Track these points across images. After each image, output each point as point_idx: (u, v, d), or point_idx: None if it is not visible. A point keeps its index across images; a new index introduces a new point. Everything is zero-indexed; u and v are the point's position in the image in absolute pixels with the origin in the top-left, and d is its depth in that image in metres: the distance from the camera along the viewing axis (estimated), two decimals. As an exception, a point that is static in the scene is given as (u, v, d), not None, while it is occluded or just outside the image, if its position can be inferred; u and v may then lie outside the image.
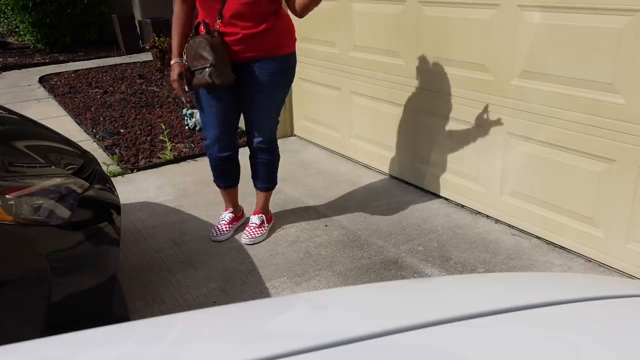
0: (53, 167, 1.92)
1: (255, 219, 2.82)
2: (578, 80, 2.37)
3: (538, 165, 2.63)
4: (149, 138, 4.44)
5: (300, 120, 4.34)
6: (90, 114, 5.20)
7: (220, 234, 2.81)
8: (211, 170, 2.75)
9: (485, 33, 2.70)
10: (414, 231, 2.86)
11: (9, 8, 9.70)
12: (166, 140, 4.20)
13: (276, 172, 2.82)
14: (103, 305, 1.94)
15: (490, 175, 2.88)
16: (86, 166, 2.04)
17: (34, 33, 9.08)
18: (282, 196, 3.28)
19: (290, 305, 0.91)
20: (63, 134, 2.37)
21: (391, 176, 3.54)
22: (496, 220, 2.91)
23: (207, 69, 2.33)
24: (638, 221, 2.30)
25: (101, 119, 5.05)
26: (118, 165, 3.88)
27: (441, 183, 3.19)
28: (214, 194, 3.25)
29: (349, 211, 3.09)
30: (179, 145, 4.27)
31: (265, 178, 2.78)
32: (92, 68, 7.56)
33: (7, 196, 1.63)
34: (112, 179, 3.09)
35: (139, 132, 4.59)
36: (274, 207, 3.04)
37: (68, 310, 1.78)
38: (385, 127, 3.48)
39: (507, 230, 2.83)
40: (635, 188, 2.28)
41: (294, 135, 4.44)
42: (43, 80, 6.95)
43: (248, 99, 2.55)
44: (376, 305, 0.86)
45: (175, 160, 3.96)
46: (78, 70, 7.46)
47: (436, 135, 3.13)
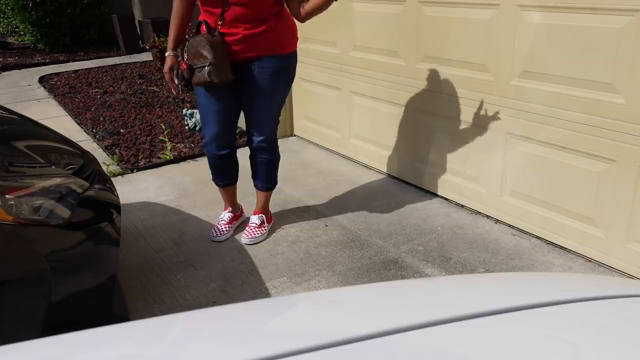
0: (53, 167, 1.92)
1: (255, 219, 2.82)
2: (578, 80, 2.37)
3: (538, 165, 2.63)
4: (149, 138, 4.44)
5: (300, 120, 4.34)
6: (90, 114, 5.20)
7: (220, 234, 2.81)
8: (209, 168, 2.75)
9: (485, 33, 2.70)
10: (414, 231, 2.86)
11: (9, 8, 9.71)
12: (166, 140, 4.20)
13: (276, 172, 2.82)
14: (103, 305, 1.94)
15: (490, 175, 2.88)
16: (86, 166, 2.04)
17: (34, 33, 9.08)
18: (282, 196, 3.28)
19: (290, 305, 0.91)
20: (63, 134, 2.37)
21: (391, 176, 3.54)
22: (496, 220, 2.91)
23: (206, 68, 2.36)
24: (638, 221, 2.30)
25: (101, 119, 5.05)
26: (118, 165, 3.88)
27: (441, 183, 3.19)
28: (214, 194, 3.25)
29: (349, 211, 3.09)
30: (179, 145, 4.27)
31: (266, 178, 2.78)
32: (92, 68, 7.56)
33: (7, 196, 1.63)
34: (112, 179, 3.09)
35: (139, 132, 4.59)
36: (274, 207, 3.04)
37: (68, 310, 1.78)
38: (385, 127, 3.48)
39: (507, 230, 2.83)
40: (635, 188, 2.28)
41: (294, 135, 4.44)
42: (43, 80, 6.95)
43: (248, 98, 2.56)
44: (376, 305, 0.86)
45: (175, 160, 3.96)
46: (78, 70, 7.45)
47: (436, 135, 3.13)
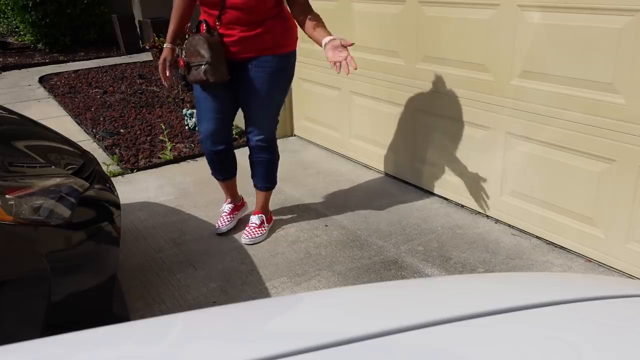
0: (53, 167, 1.92)
1: (255, 219, 2.82)
2: (578, 80, 2.37)
3: (538, 165, 2.63)
4: (149, 138, 4.44)
5: (300, 120, 4.33)
6: (90, 114, 5.20)
7: (222, 225, 2.87)
8: (207, 163, 2.79)
9: (485, 33, 2.70)
10: (414, 231, 2.86)
11: (9, 8, 9.70)
12: (166, 140, 4.20)
13: (276, 172, 2.82)
14: (103, 305, 1.95)
15: (490, 175, 2.88)
16: (86, 166, 2.04)
17: (34, 33, 9.08)
18: (282, 196, 3.28)
19: (290, 305, 0.91)
20: (63, 134, 2.37)
21: (391, 176, 3.54)
22: (496, 220, 2.91)
23: (203, 67, 2.41)
24: (638, 221, 2.30)
25: (101, 119, 5.05)
26: (118, 165, 3.88)
27: (441, 183, 3.19)
28: (214, 194, 3.25)
29: (349, 211, 3.09)
30: (179, 145, 4.27)
31: (265, 177, 2.79)
32: (92, 68, 7.56)
33: (7, 196, 1.63)
34: (112, 179, 3.09)
35: (139, 132, 4.59)
36: (274, 207, 3.04)
37: (68, 310, 1.78)
38: (385, 127, 3.48)
39: (507, 230, 2.83)
40: (635, 188, 2.28)
41: (294, 135, 4.44)
42: (43, 80, 6.95)
43: (246, 97, 2.58)
44: (376, 305, 0.86)
45: (175, 160, 3.96)
46: (78, 70, 7.45)
47: (436, 135, 3.13)
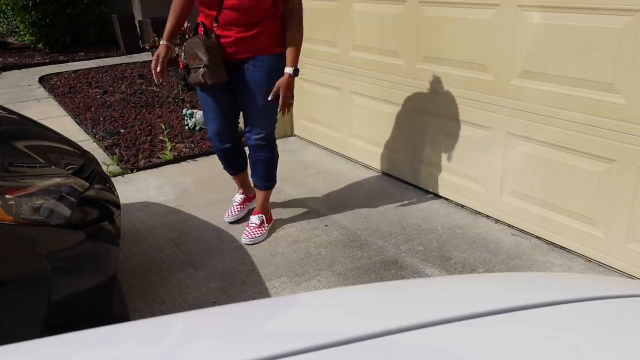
0: (53, 167, 1.92)
1: (255, 219, 2.82)
2: (578, 80, 2.37)
3: (538, 165, 2.63)
4: (149, 138, 4.44)
5: (300, 120, 4.33)
6: (90, 114, 5.20)
7: (232, 214, 2.97)
8: (218, 159, 2.89)
9: (485, 33, 2.69)
10: (414, 231, 2.86)
11: (9, 8, 9.70)
12: (166, 140, 4.20)
13: (275, 171, 2.83)
14: (103, 305, 1.95)
15: (490, 175, 2.88)
16: (86, 166, 2.04)
17: (34, 33, 9.08)
18: (282, 196, 3.28)
19: (290, 305, 0.91)
20: (63, 134, 2.37)
21: (391, 176, 3.54)
22: (496, 220, 2.91)
23: (201, 69, 2.46)
24: (638, 221, 2.30)
25: (101, 119, 5.05)
26: (118, 165, 3.88)
27: (441, 183, 3.19)
28: (214, 194, 3.26)
29: (349, 211, 3.09)
30: (178, 145, 4.27)
31: (264, 176, 2.79)
32: (92, 68, 7.56)
33: (7, 196, 1.63)
34: (112, 179, 3.09)
35: (139, 132, 4.59)
36: (274, 207, 3.04)
37: (68, 310, 1.78)
38: (385, 127, 3.48)
39: (507, 230, 2.83)
40: (635, 188, 2.28)
41: (294, 135, 4.44)
42: (43, 80, 6.95)
43: (244, 97, 2.61)
44: (376, 305, 0.86)
45: (175, 160, 3.96)
46: (78, 70, 7.46)
47: (436, 135, 3.13)
